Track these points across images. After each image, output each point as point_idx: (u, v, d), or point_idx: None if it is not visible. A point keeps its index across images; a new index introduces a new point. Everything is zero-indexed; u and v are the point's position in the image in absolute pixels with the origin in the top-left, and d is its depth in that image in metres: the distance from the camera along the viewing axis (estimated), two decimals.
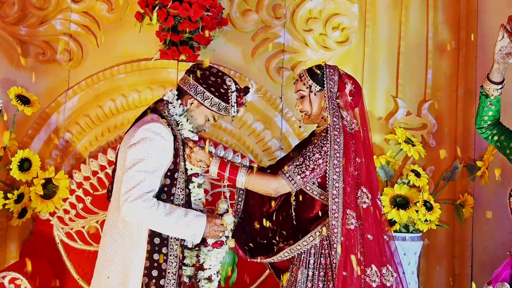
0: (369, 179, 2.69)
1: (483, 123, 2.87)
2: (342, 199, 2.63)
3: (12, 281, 3.39)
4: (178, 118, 2.67)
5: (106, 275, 2.55)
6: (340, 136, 2.66)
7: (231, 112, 2.71)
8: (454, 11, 4.24)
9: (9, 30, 4.02)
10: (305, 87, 2.78)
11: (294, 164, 2.67)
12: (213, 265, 2.71)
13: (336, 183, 2.64)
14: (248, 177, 2.69)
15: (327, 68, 2.78)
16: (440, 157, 4.10)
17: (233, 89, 2.68)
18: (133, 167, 2.48)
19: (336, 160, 2.64)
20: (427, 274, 4.20)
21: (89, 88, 4.05)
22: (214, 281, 2.73)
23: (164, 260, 2.53)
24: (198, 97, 2.67)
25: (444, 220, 4.06)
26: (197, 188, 2.72)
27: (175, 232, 2.53)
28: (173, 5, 3.81)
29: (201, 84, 2.66)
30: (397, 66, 4.23)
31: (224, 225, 2.61)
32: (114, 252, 2.55)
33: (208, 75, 2.69)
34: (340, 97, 2.75)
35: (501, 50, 2.69)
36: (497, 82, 2.73)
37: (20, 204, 3.72)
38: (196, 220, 2.53)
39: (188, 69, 2.75)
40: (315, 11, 4.19)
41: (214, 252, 2.70)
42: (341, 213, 2.62)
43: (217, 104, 2.68)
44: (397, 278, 2.67)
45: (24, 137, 3.98)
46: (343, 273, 2.57)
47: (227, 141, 4.10)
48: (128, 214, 2.47)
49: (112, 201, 2.66)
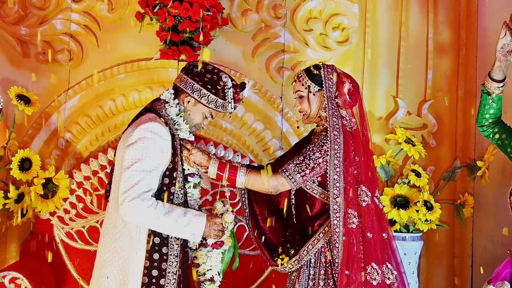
0: (369, 178, 2.70)
1: (484, 121, 2.87)
2: (343, 198, 2.63)
3: (12, 281, 3.39)
4: (175, 118, 2.66)
5: (105, 275, 2.54)
6: (340, 136, 2.66)
7: (228, 108, 2.70)
8: (454, 11, 4.24)
9: (10, 30, 4.02)
10: (303, 87, 2.78)
11: (294, 162, 2.67)
12: (214, 266, 2.70)
13: (337, 182, 2.64)
14: (248, 176, 2.69)
15: (324, 68, 2.78)
16: (440, 157, 4.10)
17: (230, 85, 2.68)
18: (131, 166, 2.48)
19: (336, 160, 2.64)
20: (427, 274, 4.20)
21: (89, 88, 4.05)
22: (216, 282, 2.72)
23: (164, 260, 2.53)
24: (195, 95, 2.66)
25: (444, 220, 4.06)
26: (192, 189, 2.71)
27: (174, 232, 2.52)
28: (173, 5, 3.81)
29: (197, 82, 2.66)
30: (397, 66, 4.23)
31: (224, 224, 2.60)
32: (113, 252, 2.55)
33: (204, 72, 2.68)
34: (339, 96, 2.75)
35: (503, 48, 2.69)
36: (499, 80, 2.74)
37: (21, 203, 3.72)
38: (195, 219, 2.52)
39: (184, 67, 2.75)
40: (315, 11, 4.19)
41: (214, 253, 2.69)
42: (343, 212, 2.62)
43: (214, 101, 2.67)
44: (398, 276, 2.67)
45: (25, 137, 3.98)
46: (345, 272, 2.58)
47: (227, 141, 4.10)
48: (127, 214, 2.46)
49: (110, 201, 2.66)
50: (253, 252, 3.85)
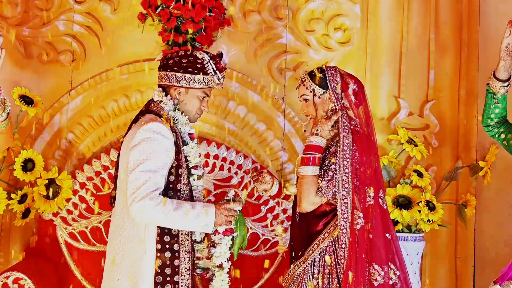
0: (374, 177, 2.70)
1: (489, 121, 2.87)
2: (351, 199, 2.64)
3: (16, 281, 3.40)
4: (173, 114, 2.68)
5: (115, 278, 2.56)
6: (348, 136, 2.67)
7: (216, 80, 2.71)
8: (456, 11, 4.25)
9: (12, 31, 4.02)
10: (308, 91, 2.79)
11: (325, 179, 2.67)
12: (223, 252, 2.71)
13: (346, 184, 2.64)
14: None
15: (328, 70, 2.78)
16: (443, 157, 4.10)
17: (207, 59, 2.70)
18: (137, 168, 2.49)
19: (345, 161, 2.65)
20: (430, 275, 4.20)
21: (92, 88, 4.06)
22: (225, 268, 2.73)
23: (176, 257, 2.55)
24: (182, 84, 2.68)
25: (447, 220, 4.06)
26: (197, 181, 2.72)
27: (186, 226, 2.54)
28: (175, 6, 3.81)
29: (177, 71, 2.68)
30: (399, 67, 4.23)
31: (233, 208, 2.61)
32: (122, 254, 2.57)
33: (179, 59, 2.70)
34: (345, 98, 2.76)
35: (508, 47, 2.69)
36: (503, 79, 2.73)
37: (24, 204, 3.73)
38: (204, 210, 2.54)
39: (159, 65, 2.77)
40: (317, 11, 4.19)
41: (225, 240, 2.69)
42: (350, 213, 2.63)
43: (201, 80, 2.69)
44: (401, 276, 2.67)
45: (27, 138, 3.98)
46: (350, 273, 2.58)
47: (229, 141, 4.11)
48: (137, 214, 2.47)
49: (116, 205, 2.67)
50: (255, 252, 3.85)
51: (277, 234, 2.65)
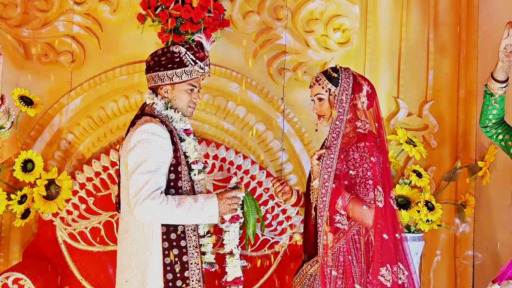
0: (384, 178, 2.69)
1: (487, 122, 2.87)
2: (329, 198, 2.65)
3: (15, 282, 3.40)
4: (166, 112, 2.70)
5: (124, 280, 2.60)
6: (338, 139, 2.69)
7: (198, 69, 2.71)
8: (455, 12, 4.26)
9: (12, 32, 4.03)
10: (323, 90, 2.78)
11: (367, 193, 2.66)
12: (232, 239, 2.73)
13: (326, 182, 2.65)
14: None
15: (342, 71, 2.79)
16: (442, 157, 4.11)
17: (183, 51, 2.70)
18: (136, 170, 2.52)
19: (329, 160, 2.66)
20: (429, 275, 4.21)
21: (92, 89, 4.06)
22: (235, 254, 2.75)
23: (185, 253, 2.57)
24: (166, 81, 2.69)
25: (446, 220, 4.07)
26: (198, 175, 2.73)
27: (192, 220, 2.56)
28: (175, 7, 3.82)
29: (159, 70, 2.69)
30: (398, 67, 4.24)
31: (235, 195, 2.62)
32: (129, 255, 2.60)
33: (158, 59, 2.72)
34: (357, 99, 2.76)
35: (506, 48, 2.68)
36: (502, 80, 2.73)
37: (23, 205, 3.73)
38: (207, 202, 2.56)
39: (145, 68, 2.78)
40: (317, 12, 4.20)
41: (232, 227, 2.71)
42: (327, 212, 2.63)
43: (183, 73, 2.70)
44: (409, 276, 2.67)
45: (27, 138, 3.99)
46: (365, 273, 2.61)
47: (229, 142, 4.11)
48: (141, 215, 2.51)
49: (122, 208, 2.70)
50: (255, 252, 3.86)
51: (297, 241, 2.71)
